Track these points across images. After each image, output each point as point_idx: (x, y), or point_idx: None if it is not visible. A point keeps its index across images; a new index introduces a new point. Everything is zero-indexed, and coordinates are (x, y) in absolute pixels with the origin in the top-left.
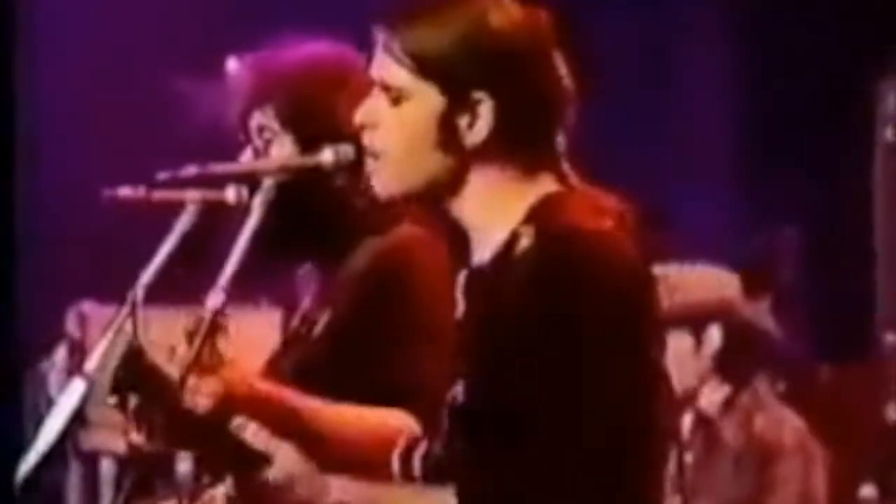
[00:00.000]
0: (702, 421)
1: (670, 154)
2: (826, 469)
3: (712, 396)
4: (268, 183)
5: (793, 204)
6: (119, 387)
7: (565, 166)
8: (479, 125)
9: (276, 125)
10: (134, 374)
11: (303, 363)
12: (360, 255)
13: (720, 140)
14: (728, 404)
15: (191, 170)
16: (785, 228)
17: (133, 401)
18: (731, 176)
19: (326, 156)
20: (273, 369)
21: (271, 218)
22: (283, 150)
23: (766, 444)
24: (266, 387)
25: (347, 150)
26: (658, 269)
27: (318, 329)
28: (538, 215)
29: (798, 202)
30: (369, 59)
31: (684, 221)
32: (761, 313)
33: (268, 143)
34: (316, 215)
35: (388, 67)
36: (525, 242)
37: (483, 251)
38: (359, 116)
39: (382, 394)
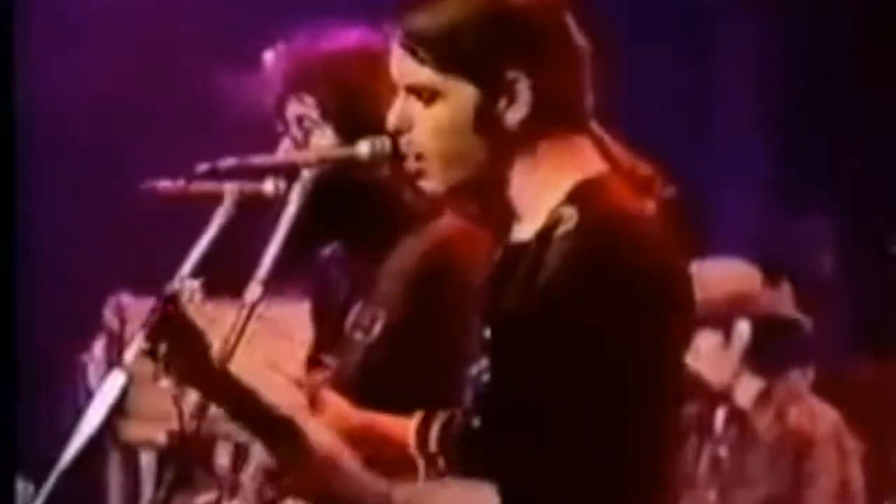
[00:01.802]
0: (735, 414)
1: (703, 144)
2: (865, 463)
3: (746, 390)
4: (305, 175)
5: (831, 194)
6: (153, 335)
7: (595, 127)
8: (519, 103)
9: (316, 115)
10: (167, 322)
11: (364, 368)
12: (405, 251)
13: (753, 128)
14: (762, 397)
15: (229, 161)
16: (820, 218)
17: (164, 348)
18: (767, 164)
19: (362, 148)
20: (315, 367)
21: (309, 210)
22: (324, 141)
23: (800, 437)
24: (361, 418)
25: (384, 142)
26: None
27: (376, 332)
28: (582, 196)
29: (837, 192)
30: None
31: (716, 210)
32: (783, 302)
33: (307, 133)
34: (354, 207)
35: (411, 69)
36: (567, 225)
37: (526, 227)
38: (391, 121)
39: (448, 398)
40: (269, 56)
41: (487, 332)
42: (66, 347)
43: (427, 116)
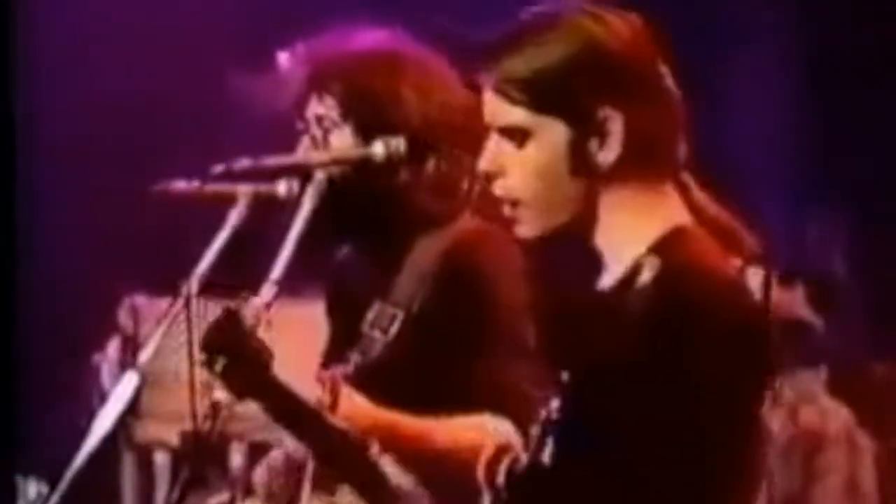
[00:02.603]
0: None
1: (715, 147)
2: (877, 461)
3: None
4: (319, 176)
5: (844, 195)
6: (209, 347)
7: (685, 176)
8: (611, 142)
9: (336, 115)
10: (226, 337)
11: (383, 366)
12: (425, 252)
13: (766, 129)
14: (774, 397)
15: (243, 162)
16: (833, 219)
17: (221, 362)
18: (780, 165)
19: (377, 148)
20: (331, 365)
21: (325, 212)
22: (343, 141)
23: (812, 436)
24: (381, 416)
25: (398, 142)
26: None
27: (393, 331)
28: (665, 248)
29: (849, 193)
30: (425, 47)
31: (735, 208)
32: (796, 304)
33: (326, 132)
34: (369, 210)
35: (502, 110)
36: (647, 276)
37: (609, 274)
38: (484, 166)
39: (468, 397)
40: (285, 56)
41: (565, 376)
42: (78, 348)
43: (520, 159)
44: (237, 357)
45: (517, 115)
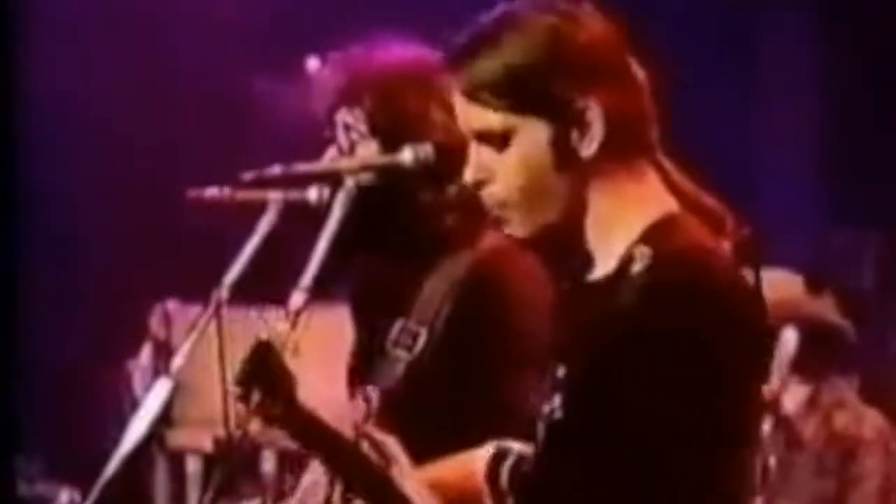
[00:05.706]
0: (782, 422)
1: (752, 151)
2: None
3: (792, 397)
4: (349, 183)
5: (874, 204)
6: (244, 380)
7: (662, 158)
8: (593, 131)
9: (364, 129)
10: (261, 368)
11: (406, 385)
12: (450, 269)
13: (804, 138)
14: (809, 404)
15: (274, 170)
16: (867, 231)
17: (256, 395)
18: (816, 176)
19: (406, 155)
20: (355, 382)
21: (353, 218)
22: (369, 153)
23: (847, 442)
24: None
25: (427, 149)
26: None
27: (418, 348)
28: (655, 236)
29: (880, 202)
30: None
31: (764, 217)
32: (828, 310)
33: (353, 143)
34: (398, 218)
35: (479, 115)
36: (641, 264)
37: (598, 266)
38: (470, 176)
39: (495, 415)
40: (317, 64)
41: (561, 371)
42: (110, 355)
43: (503, 162)
44: (271, 390)
45: (494, 119)
